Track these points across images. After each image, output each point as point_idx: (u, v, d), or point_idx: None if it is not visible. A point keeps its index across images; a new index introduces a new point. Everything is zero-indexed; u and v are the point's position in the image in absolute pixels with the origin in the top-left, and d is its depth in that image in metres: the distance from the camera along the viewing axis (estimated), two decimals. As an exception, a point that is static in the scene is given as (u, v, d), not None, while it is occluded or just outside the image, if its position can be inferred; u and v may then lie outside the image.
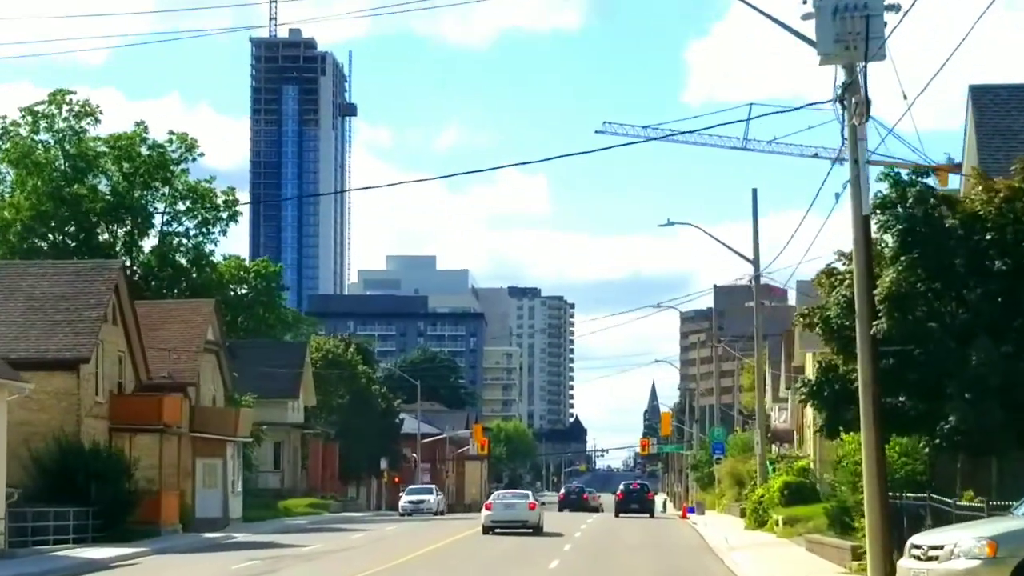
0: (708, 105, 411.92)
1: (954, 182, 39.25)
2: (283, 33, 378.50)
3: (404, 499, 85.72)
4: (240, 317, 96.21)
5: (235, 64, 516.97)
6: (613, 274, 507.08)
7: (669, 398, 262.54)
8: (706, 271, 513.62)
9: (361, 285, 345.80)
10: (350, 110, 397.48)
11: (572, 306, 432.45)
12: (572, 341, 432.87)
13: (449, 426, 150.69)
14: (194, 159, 79.87)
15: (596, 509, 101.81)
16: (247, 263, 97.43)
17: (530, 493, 61.87)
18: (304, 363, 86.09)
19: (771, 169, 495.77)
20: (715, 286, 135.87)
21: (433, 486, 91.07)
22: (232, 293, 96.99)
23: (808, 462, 52.69)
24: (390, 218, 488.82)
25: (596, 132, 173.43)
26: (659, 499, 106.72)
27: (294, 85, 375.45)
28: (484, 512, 55.07)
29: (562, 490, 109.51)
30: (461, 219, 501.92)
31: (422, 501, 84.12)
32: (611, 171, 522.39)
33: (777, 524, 48.57)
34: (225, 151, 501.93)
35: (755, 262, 52.59)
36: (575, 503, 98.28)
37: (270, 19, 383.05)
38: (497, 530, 53.22)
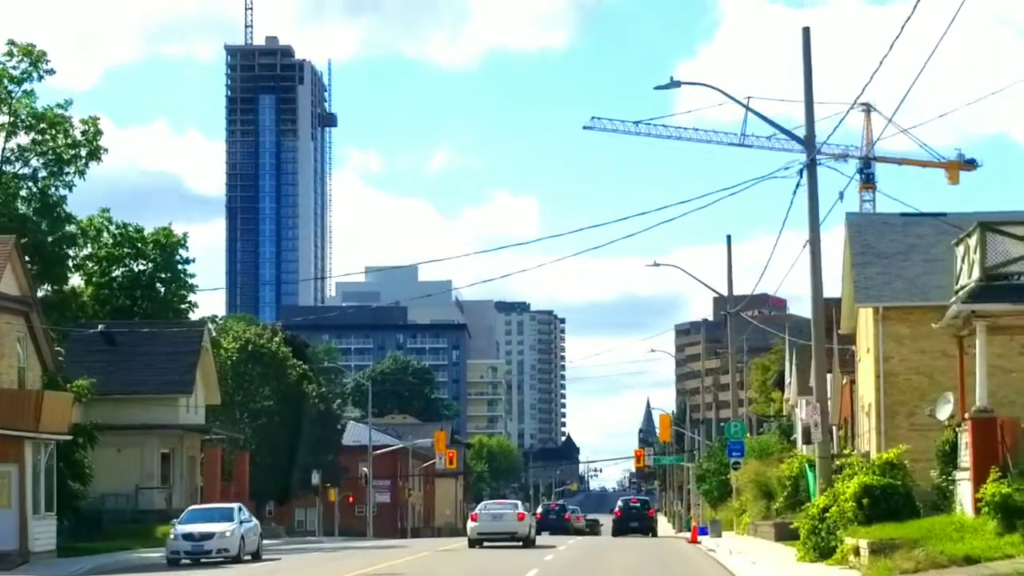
0: (698, 123, 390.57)
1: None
2: (259, 40, 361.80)
3: (175, 531, 44.27)
4: (137, 300, 77.65)
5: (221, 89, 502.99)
6: (604, 296, 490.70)
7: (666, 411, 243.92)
8: (698, 291, 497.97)
9: (339, 298, 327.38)
10: (330, 120, 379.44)
11: (563, 321, 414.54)
12: (563, 357, 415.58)
13: (415, 439, 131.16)
14: (41, 77, 60.66)
15: (581, 531, 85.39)
16: (145, 232, 78.52)
17: (519, 503, 58.69)
18: (199, 349, 66.63)
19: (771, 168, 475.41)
20: (714, 298, 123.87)
21: (236, 506, 47.19)
22: (126, 268, 78.59)
23: (895, 454, 33.21)
24: (376, 239, 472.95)
25: (584, 128, 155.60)
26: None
27: (271, 94, 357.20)
28: (470, 524, 52.71)
29: (539, 509, 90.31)
30: (450, 241, 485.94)
31: (209, 536, 43.36)
32: (602, 192, 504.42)
33: (856, 553, 29.25)
34: (211, 177, 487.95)
35: (808, 140, 33.29)
36: (555, 524, 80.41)
37: (246, 27, 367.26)
38: (485, 543, 50.24)
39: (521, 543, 50.50)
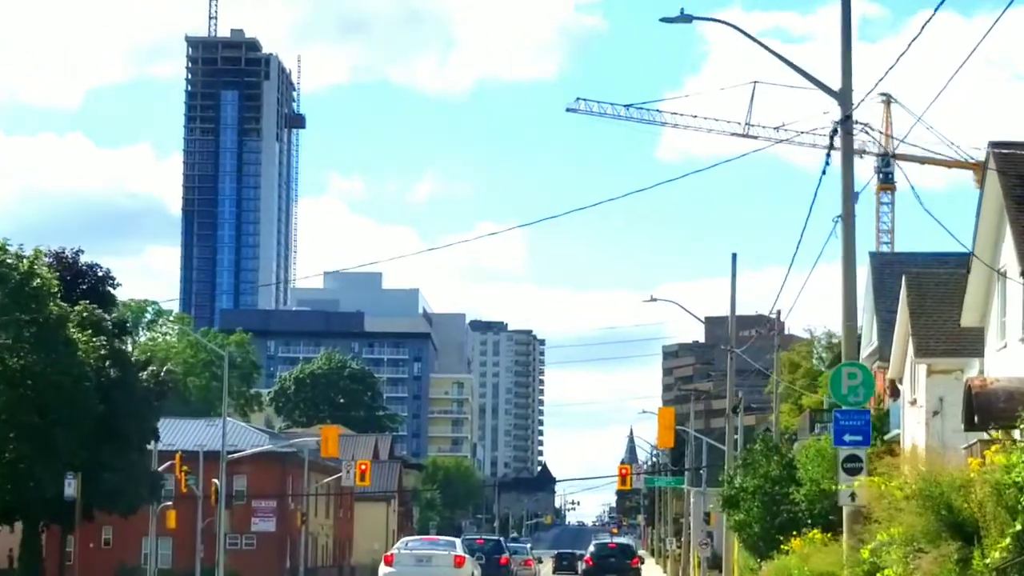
0: (686, 161, 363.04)
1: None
2: (224, 32, 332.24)
3: None
4: None
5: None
6: (589, 329, 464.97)
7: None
8: (688, 325, 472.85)
9: (295, 306, 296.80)
10: (298, 122, 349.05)
11: (542, 343, 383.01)
12: (542, 381, 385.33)
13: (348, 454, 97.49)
14: None
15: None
16: None
17: (457, 541, 45.28)
18: None
19: (777, 172, 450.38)
20: (705, 318, 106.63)
21: None
22: None
23: None
24: (346, 253, 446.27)
25: (568, 110, 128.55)
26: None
27: (234, 90, 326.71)
28: (382, 569, 40.64)
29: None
30: (430, 266, 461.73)
31: None
32: (591, 222, 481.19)
33: None
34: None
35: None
36: (484, 572, 46.63)
37: (209, 17, 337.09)
38: None
39: None
